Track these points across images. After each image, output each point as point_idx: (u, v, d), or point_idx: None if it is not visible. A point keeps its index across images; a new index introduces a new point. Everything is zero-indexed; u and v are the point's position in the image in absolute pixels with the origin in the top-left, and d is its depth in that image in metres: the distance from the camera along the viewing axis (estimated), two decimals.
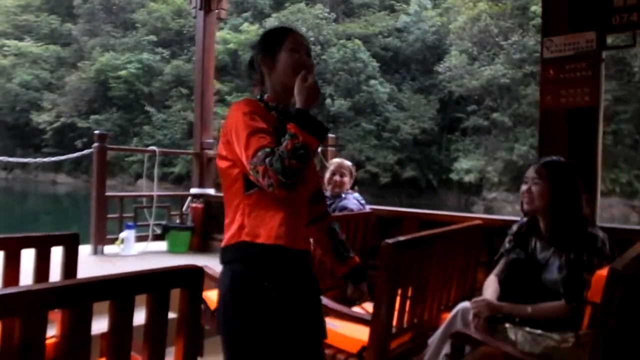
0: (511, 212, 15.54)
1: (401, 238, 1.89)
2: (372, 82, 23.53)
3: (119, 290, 1.01)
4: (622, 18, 2.21)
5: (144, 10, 29.50)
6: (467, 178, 21.00)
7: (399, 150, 22.93)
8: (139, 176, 26.95)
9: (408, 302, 2.09)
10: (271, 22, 25.65)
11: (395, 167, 22.63)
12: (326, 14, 25.30)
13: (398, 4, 26.47)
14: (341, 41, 24.40)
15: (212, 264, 2.89)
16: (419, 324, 2.18)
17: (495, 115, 20.82)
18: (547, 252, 2.02)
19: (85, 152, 4.55)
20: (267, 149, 1.28)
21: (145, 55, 28.21)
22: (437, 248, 2.16)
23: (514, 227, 2.16)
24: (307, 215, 1.53)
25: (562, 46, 2.32)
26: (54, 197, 25.75)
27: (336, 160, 3.19)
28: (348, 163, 3.14)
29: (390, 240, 1.83)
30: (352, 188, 3.08)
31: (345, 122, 23.53)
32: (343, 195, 3.01)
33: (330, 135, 3.88)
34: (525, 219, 2.13)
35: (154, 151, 4.72)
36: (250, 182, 1.36)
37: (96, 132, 4.21)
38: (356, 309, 2.29)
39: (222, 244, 1.45)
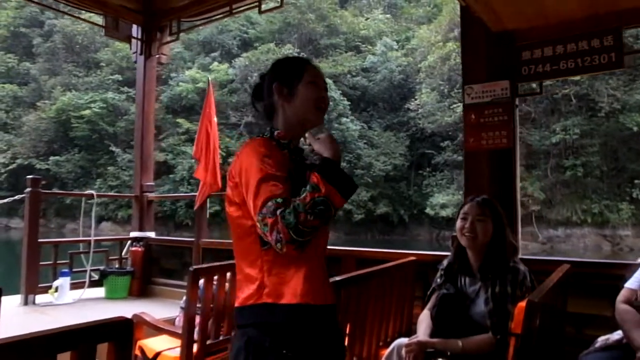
0: None
1: (337, 278, 2.04)
2: (344, 119, 24.22)
3: (38, 349, 0.93)
4: (530, 69, 2.55)
5: (108, 50, 29.81)
6: (444, 213, 21.43)
7: (372, 186, 23.35)
8: (101, 219, 26.45)
9: (347, 340, 2.22)
10: (241, 61, 26.35)
11: (368, 204, 22.97)
12: (295, 54, 26.17)
13: (363, 45, 27.69)
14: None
15: (152, 310, 2.96)
16: None
17: None
18: (475, 286, 2.18)
19: (17, 197, 4.53)
20: (279, 199, 1.17)
21: (110, 95, 28.23)
22: (373, 285, 2.32)
23: (444, 262, 2.33)
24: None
25: (481, 93, 2.62)
26: (6, 243, 24.83)
27: None
28: None
29: None
30: None
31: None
32: None
33: None
34: (452, 254, 2.32)
35: (92, 195, 4.76)
36: None
37: (29, 177, 4.25)
38: None
39: (237, 303, 1.32)
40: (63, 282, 4.07)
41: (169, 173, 25.37)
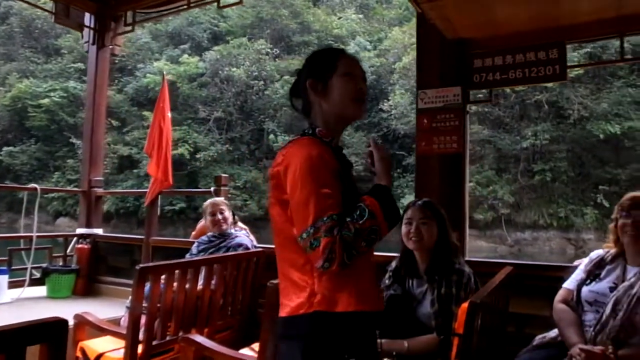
0: None
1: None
2: None
3: None
4: (481, 77, 2.68)
5: (69, 36, 28.89)
6: None
7: None
8: (58, 214, 25.66)
9: None
10: (212, 55, 26.05)
11: None
12: (268, 50, 26.08)
13: (336, 45, 27.83)
14: (285, 77, 25.14)
15: (97, 309, 2.94)
16: None
17: None
18: (422, 287, 2.27)
19: None
20: (335, 216, 1.15)
21: (71, 84, 27.39)
22: None
23: (393, 264, 2.41)
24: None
25: (434, 98, 2.74)
26: None
27: (209, 201, 3.25)
28: (221, 198, 3.31)
29: (275, 281, 2.01)
30: (234, 222, 3.19)
31: None
32: (233, 232, 3.11)
33: (223, 175, 4.10)
34: (399, 258, 2.41)
35: (35, 188, 4.67)
36: None
37: None
38: (246, 351, 2.42)
39: (285, 313, 1.26)
40: (0, 280, 3.94)
41: (133, 168, 24.84)
